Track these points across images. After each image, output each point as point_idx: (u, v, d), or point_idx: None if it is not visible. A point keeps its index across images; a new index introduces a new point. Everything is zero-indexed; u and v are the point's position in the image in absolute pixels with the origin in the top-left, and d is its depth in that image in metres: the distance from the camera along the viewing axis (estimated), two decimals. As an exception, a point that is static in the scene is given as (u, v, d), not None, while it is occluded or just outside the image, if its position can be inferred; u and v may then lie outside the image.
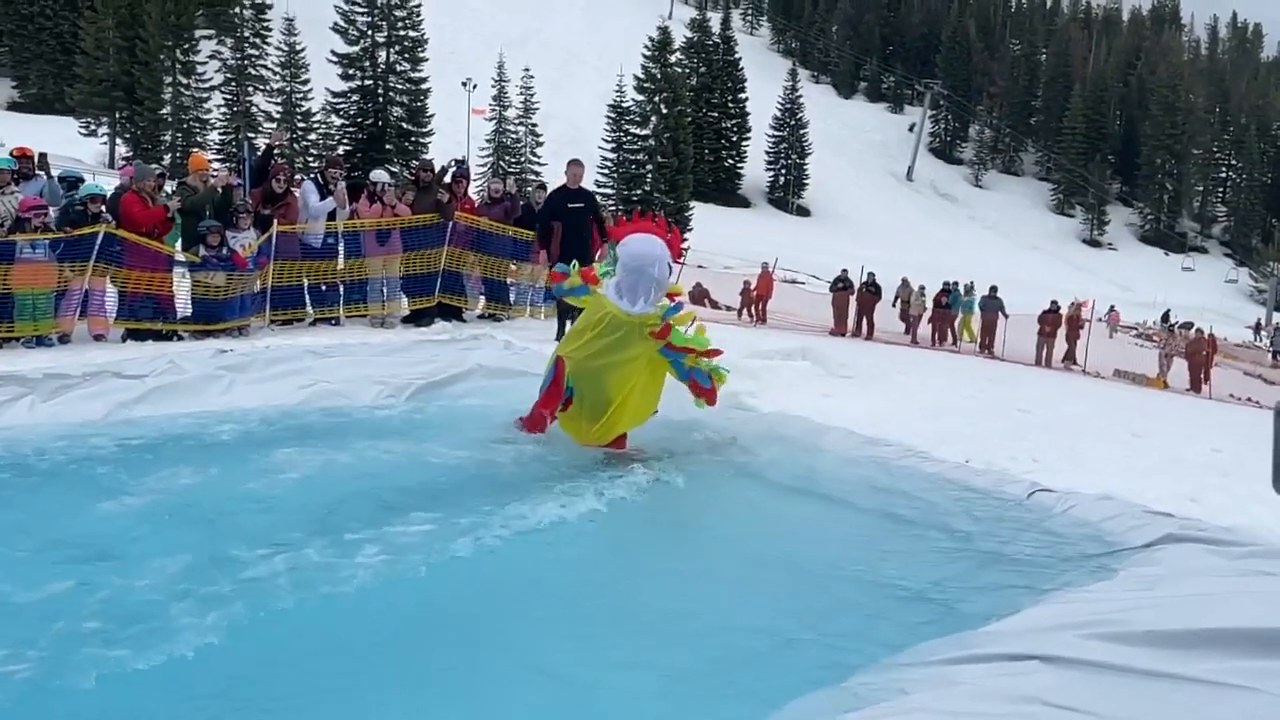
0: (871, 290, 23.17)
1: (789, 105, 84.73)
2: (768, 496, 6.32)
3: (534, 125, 69.93)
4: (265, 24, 64.60)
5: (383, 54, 63.11)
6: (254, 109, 60.72)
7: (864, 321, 22.65)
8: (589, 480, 6.29)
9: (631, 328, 6.56)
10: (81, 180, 10.93)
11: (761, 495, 6.34)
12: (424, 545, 4.72)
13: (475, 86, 62.25)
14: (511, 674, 3.67)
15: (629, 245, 6.64)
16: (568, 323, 8.51)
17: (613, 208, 46.16)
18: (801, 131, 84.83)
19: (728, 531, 5.74)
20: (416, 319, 11.36)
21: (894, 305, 24.79)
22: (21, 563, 4.41)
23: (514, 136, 70.06)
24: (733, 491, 6.38)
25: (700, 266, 30.07)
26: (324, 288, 11.02)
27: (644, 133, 63.22)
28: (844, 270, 24.33)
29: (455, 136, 60.90)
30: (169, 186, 10.98)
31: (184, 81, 57.65)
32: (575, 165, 10.85)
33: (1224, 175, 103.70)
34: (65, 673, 3.39)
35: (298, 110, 60.57)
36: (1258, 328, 53.19)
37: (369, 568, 4.41)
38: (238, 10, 65.33)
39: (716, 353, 6.76)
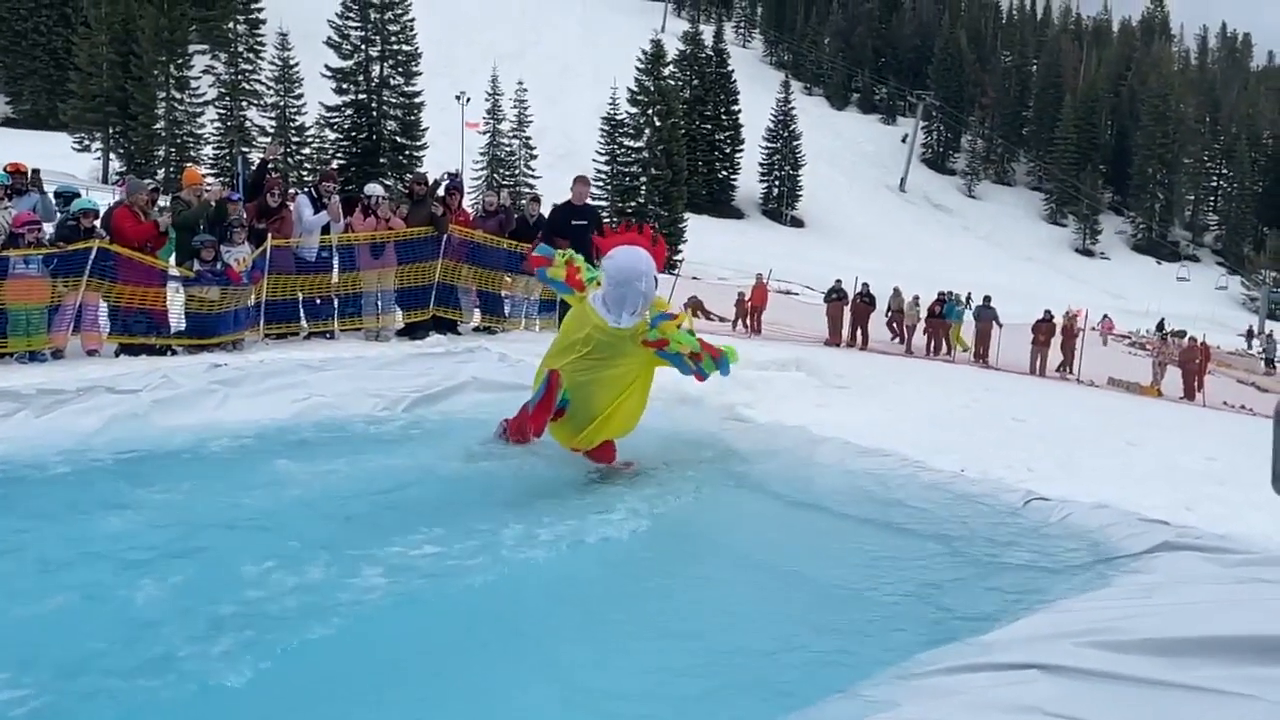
0: (866, 301, 23.21)
1: (782, 117, 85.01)
2: (763, 507, 6.31)
3: (528, 138, 70.06)
4: (259, 39, 64.80)
5: (376, 68, 63.29)
6: (248, 124, 60.74)
7: (858, 332, 22.68)
8: (588, 493, 6.30)
9: (621, 340, 6.55)
10: (77, 195, 10.92)
11: (757, 506, 6.34)
12: (430, 562, 4.71)
13: (469, 100, 62.39)
14: (523, 681, 3.67)
15: (615, 259, 6.57)
16: None
17: (607, 220, 46.19)
18: (795, 143, 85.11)
19: (723, 542, 5.73)
20: (411, 332, 11.35)
21: (886, 315, 24.81)
22: (18, 578, 4.39)
23: (508, 149, 70.21)
24: (728, 502, 6.37)
25: (695, 278, 30.17)
26: (318, 301, 11.01)
27: (638, 145, 63.37)
28: (838, 281, 24.38)
29: (449, 150, 61.00)
30: (163, 201, 10.96)
31: (178, 96, 57.69)
32: (581, 183, 10.77)
33: (1215, 184, 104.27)
34: (67, 702, 3.34)
35: (292, 125, 60.61)
36: (1250, 335, 53.33)
37: (375, 584, 4.39)
38: (231, 25, 65.50)
39: (716, 351, 6.76)
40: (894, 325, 24.95)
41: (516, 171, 68.31)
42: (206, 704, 3.40)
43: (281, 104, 61.37)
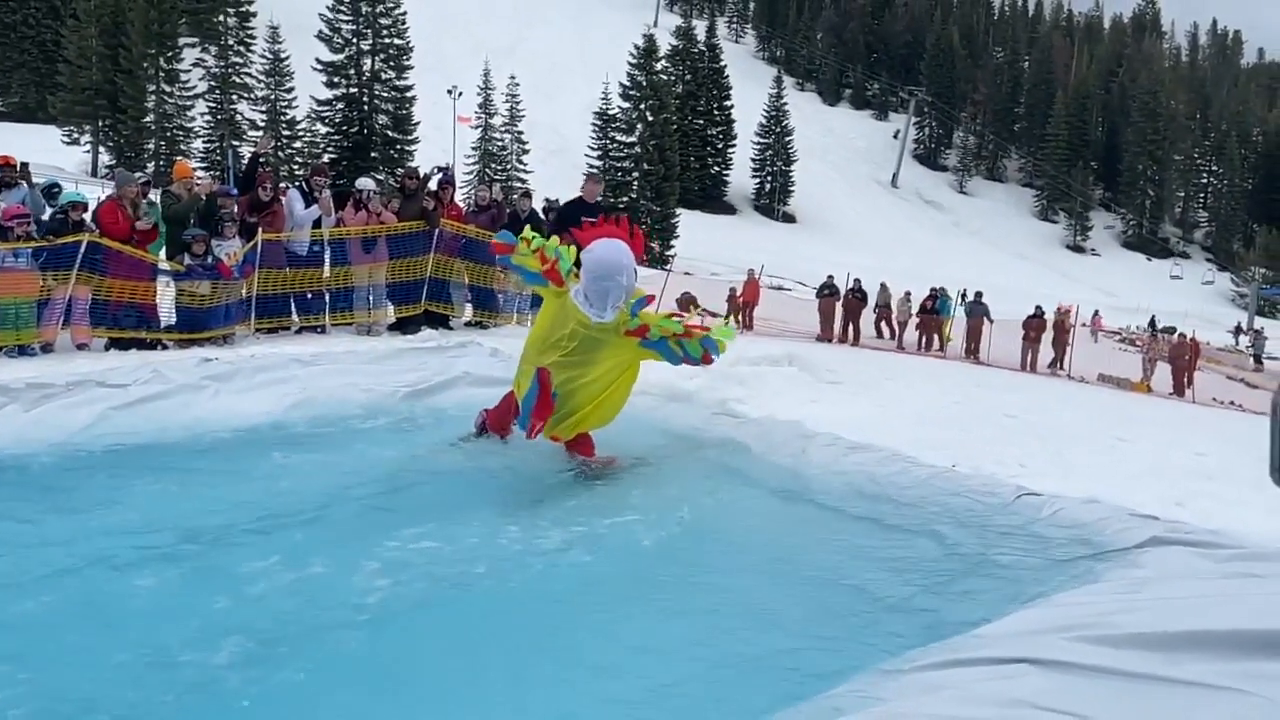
0: (858, 296, 23.24)
1: (774, 112, 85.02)
2: (755, 502, 6.31)
3: (520, 133, 69.94)
4: (249, 31, 64.50)
5: (368, 62, 63.07)
6: (238, 117, 60.53)
7: (850, 327, 22.70)
8: (580, 489, 6.29)
9: (605, 334, 6.53)
10: (56, 185, 10.87)
11: (748, 501, 6.33)
12: (429, 560, 4.70)
13: (461, 94, 62.24)
14: (499, 680, 3.65)
15: (594, 253, 6.51)
16: None
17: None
18: (787, 139, 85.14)
19: (713, 537, 5.72)
20: (403, 327, 11.33)
21: (873, 311, 24.79)
22: (8, 575, 4.35)
23: (500, 144, 70.09)
24: (719, 498, 6.36)
25: (687, 273, 30.10)
26: (309, 296, 10.97)
27: (630, 140, 63.35)
28: (830, 277, 24.40)
29: (441, 144, 60.88)
30: (154, 195, 10.91)
31: (167, 89, 57.47)
32: (593, 180, 10.65)
33: (1205, 181, 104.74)
34: (64, 706, 3.30)
35: (282, 118, 60.40)
36: (1238, 331, 53.49)
37: (377, 584, 4.37)
38: (222, 18, 65.19)
39: (701, 329, 6.75)
40: (880, 323, 24.94)
41: (508, 166, 68.19)
42: (208, 706, 3.37)
43: (272, 97, 61.17)
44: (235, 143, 55.19)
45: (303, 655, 3.73)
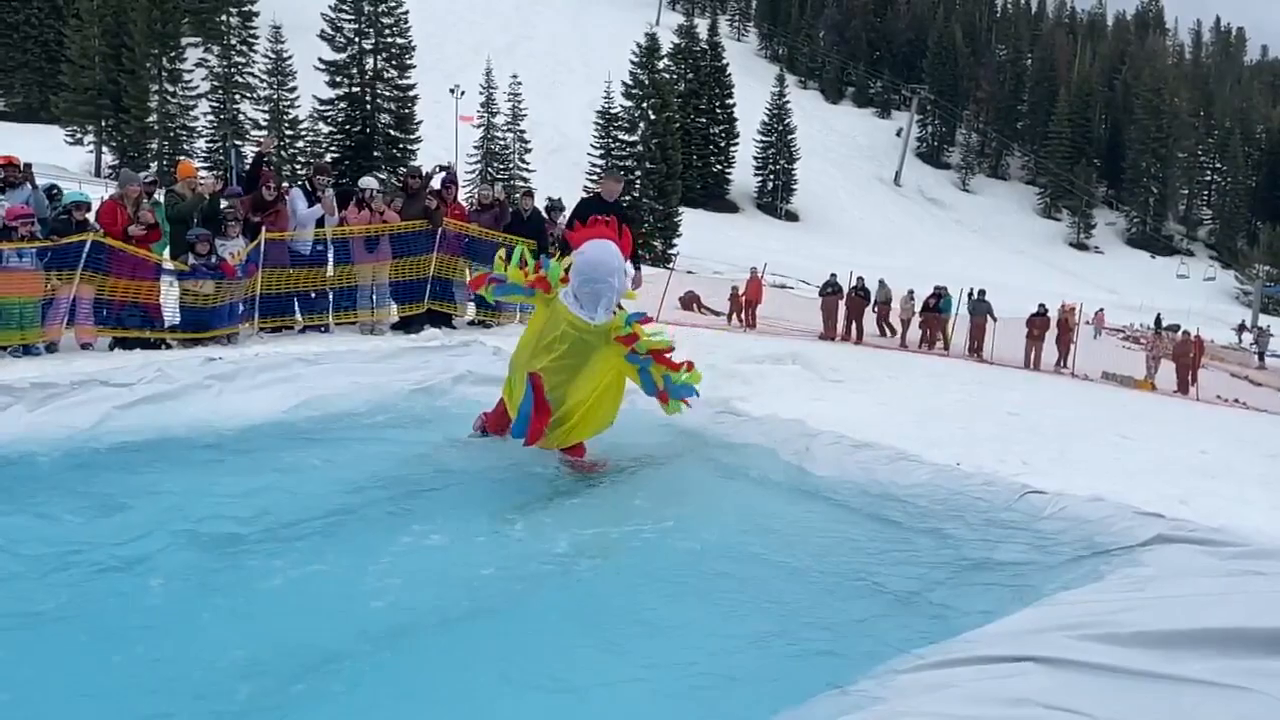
0: (860, 295, 23.21)
1: (776, 111, 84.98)
2: (757, 501, 6.30)
3: (522, 132, 69.93)
4: (252, 31, 64.50)
5: (370, 61, 63.06)
6: (241, 117, 60.57)
7: (853, 326, 22.69)
8: (584, 488, 6.29)
9: (596, 337, 6.51)
10: (55, 188, 10.89)
11: (751, 499, 6.33)
12: (438, 561, 4.70)
13: (463, 94, 62.23)
14: (506, 681, 3.65)
15: (586, 254, 6.49)
16: None
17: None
18: (789, 137, 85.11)
19: (716, 537, 5.72)
20: (406, 326, 11.34)
21: (872, 310, 24.75)
22: (11, 577, 4.34)
23: (502, 143, 70.09)
24: (722, 496, 6.36)
25: (689, 272, 30.14)
26: (313, 295, 10.98)
27: (632, 139, 63.29)
28: (833, 275, 24.38)
29: (443, 143, 60.89)
30: (159, 194, 10.92)
31: (170, 89, 57.49)
32: (612, 179, 10.51)
33: (1208, 178, 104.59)
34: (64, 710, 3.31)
35: (285, 118, 60.43)
36: (1242, 329, 53.41)
37: (386, 585, 4.37)
38: (224, 18, 65.21)
39: (686, 364, 6.72)
40: (880, 321, 24.89)
41: (511, 165, 68.19)
42: (211, 712, 3.35)
43: (275, 97, 61.19)
44: (238, 142, 55.12)
45: (310, 659, 3.71)
